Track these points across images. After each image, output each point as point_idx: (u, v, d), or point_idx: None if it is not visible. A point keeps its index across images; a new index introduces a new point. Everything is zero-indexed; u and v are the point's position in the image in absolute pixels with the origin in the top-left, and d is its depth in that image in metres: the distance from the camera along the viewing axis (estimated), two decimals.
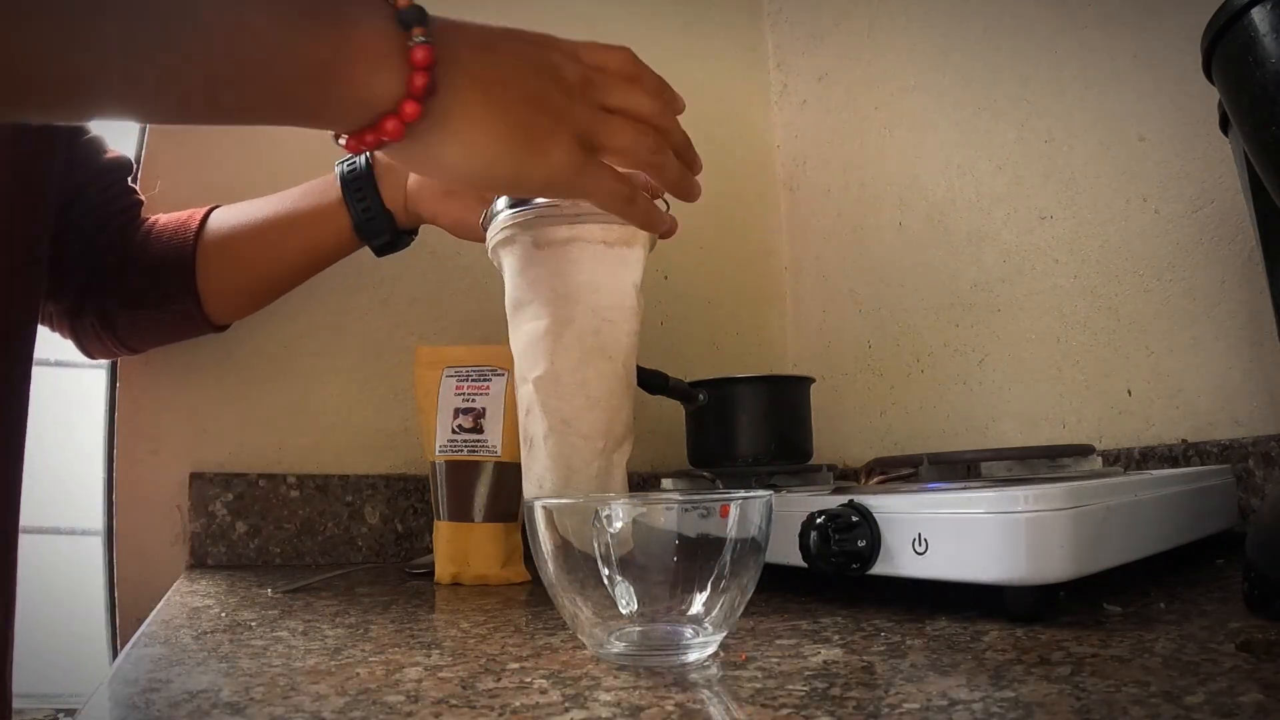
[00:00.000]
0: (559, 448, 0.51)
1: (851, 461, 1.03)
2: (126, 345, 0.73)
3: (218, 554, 0.81)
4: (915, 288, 0.99)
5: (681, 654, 0.36)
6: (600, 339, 0.52)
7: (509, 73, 0.40)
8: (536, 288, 0.52)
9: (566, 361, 0.52)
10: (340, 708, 0.31)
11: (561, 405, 0.52)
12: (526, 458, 0.54)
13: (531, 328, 0.52)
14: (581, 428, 0.51)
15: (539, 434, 0.52)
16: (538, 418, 0.52)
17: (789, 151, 1.20)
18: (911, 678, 0.32)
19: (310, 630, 0.46)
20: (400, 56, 0.37)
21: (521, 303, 0.53)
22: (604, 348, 0.52)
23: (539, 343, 0.52)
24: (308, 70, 0.35)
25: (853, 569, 0.46)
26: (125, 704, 0.34)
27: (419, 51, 0.37)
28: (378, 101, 0.37)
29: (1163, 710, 0.26)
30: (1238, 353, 0.69)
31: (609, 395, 0.52)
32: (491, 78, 0.39)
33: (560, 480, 0.51)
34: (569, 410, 0.52)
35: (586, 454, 0.51)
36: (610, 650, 0.37)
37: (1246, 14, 0.40)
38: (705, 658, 0.37)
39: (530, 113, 0.40)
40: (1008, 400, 0.88)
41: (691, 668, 0.36)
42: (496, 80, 0.40)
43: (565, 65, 0.43)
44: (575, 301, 0.52)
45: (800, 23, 1.19)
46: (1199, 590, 0.47)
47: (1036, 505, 0.40)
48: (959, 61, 0.94)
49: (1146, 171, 0.76)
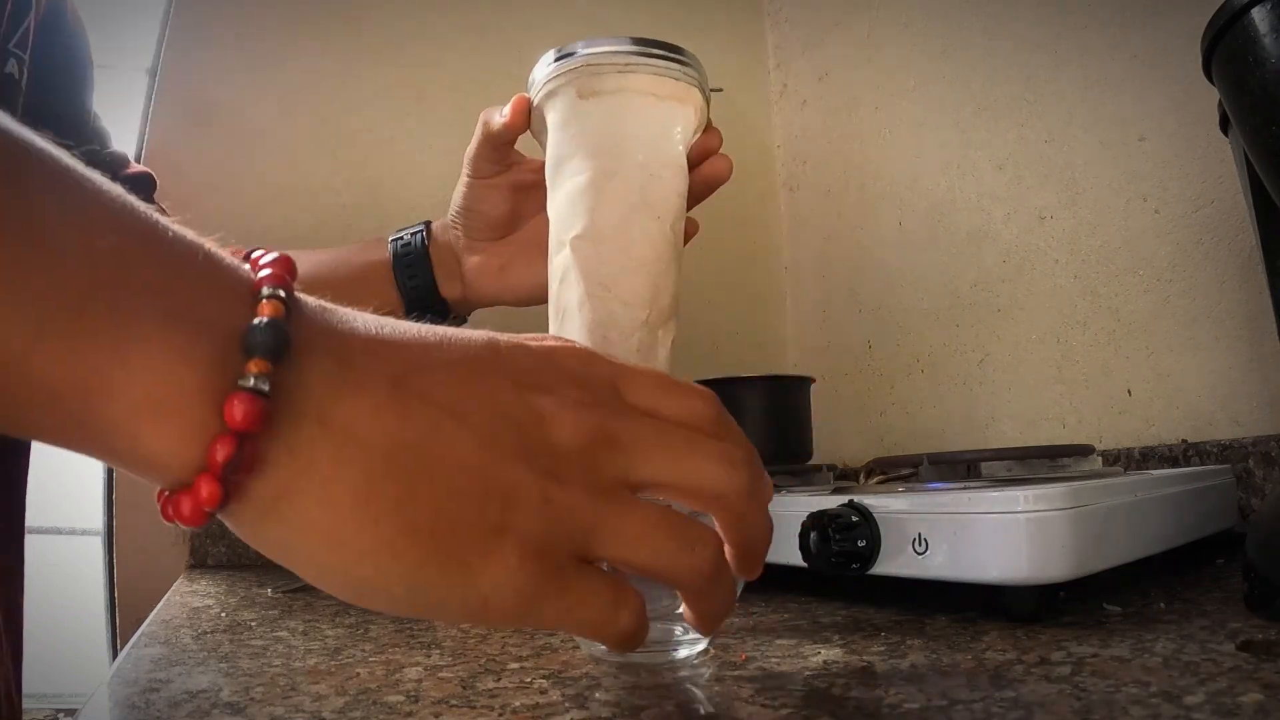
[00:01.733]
0: (596, 315, 0.45)
1: (851, 461, 1.03)
2: None
3: (218, 554, 0.81)
4: (915, 288, 0.99)
5: (673, 650, 0.37)
6: (647, 195, 0.47)
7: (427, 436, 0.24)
8: (579, 140, 0.48)
9: (609, 218, 0.46)
10: (340, 708, 0.31)
11: (601, 267, 0.46)
12: (556, 333, 0.47)
13: (572, 184, 0.47)
14: (623, 293, 0.46)
15: (574, 301, 0.46)
16: (573, 283, 0.46)
17: (789, 151, 1.20)
18: (911, 678, 0.32)
19: (310, 630, 0.46)
20: (201, 403, 0.21)
21: (563, 159, 0.48)
22: (651, 205, 0.47)
23: (579, 199, 0.47)
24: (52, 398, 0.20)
25: (853, 569, 0.46)
26: (125, 704, 0.34)
27: (237, 405, 0.21)
28: (161, 464, 0.22)
29: (1163, 710, 0.26)
30: (1238, 353, 0.69)
31: (655, 259, 0.47)
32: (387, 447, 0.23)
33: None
34: (609, 273, 0.46)
35: (627, 324, 0.46)
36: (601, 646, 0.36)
37: (1246, 14, 0.40)
38: (695, 654, 0.37)
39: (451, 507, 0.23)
40: (1008, 400, 0.88)
41: (683, 665, 0.36)
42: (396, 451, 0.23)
43: (565, 415, 0.26)
44: (621, 154, 0.47)
45: (800, 23, 1.19)
46: (1199, 590, 0.47)
47: (1036, 505, 0.40)
48: (959, 61, 0.94)
49: (1146, 171, 0.76)
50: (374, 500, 0.23)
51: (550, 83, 0.49)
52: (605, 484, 0.26)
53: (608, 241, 0.46)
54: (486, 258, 0.61)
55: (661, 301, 0.47)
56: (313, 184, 0.91)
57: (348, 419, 0.23)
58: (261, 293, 0.22)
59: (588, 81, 0.47)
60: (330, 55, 0.94)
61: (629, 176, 0.47)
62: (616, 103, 0.48)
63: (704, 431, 0.28)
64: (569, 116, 0.48)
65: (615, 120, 0.48)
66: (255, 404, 0.21)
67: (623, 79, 0.47)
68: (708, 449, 0.27)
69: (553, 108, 0.49)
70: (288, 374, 0.22)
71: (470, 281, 0.62)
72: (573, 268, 0.46)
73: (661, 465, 0.27)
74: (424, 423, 0.24)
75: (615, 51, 0.47)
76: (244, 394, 0.21)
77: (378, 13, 0.97)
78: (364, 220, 0.93)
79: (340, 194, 0.92)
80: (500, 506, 0.24)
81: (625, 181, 0.47)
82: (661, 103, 0.48)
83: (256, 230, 0.88)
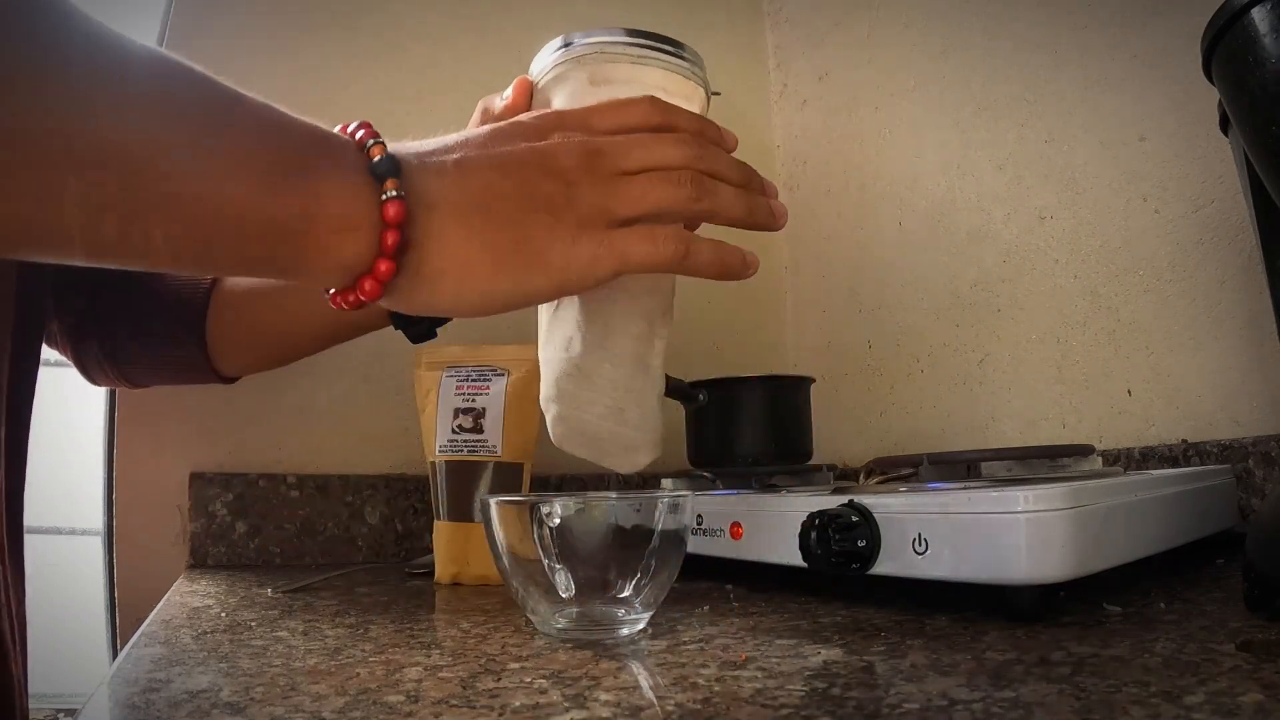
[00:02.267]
0: (596, 301, 0.45)
1: (851, 461, 1.03)
2: (128, 378, 0.71)
3: (218, 554, 0.81)
4: (915, 288, 0.99)
5: (616, 629, 0.43)
6: None
7: (488, 192, 0.37)
8: None
9: None
10: (340, 708, 0.31)
11: None
12: (550, 320, 0.48)
13: None
14: (624, 279, 0.45)
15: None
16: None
17: (789, 151, 1.20)
18: (911, 678, 0.32)
19: (310, 630, 0.46)
20: (372, 214, 0.35)
21: None
22: None
23: None
24: (277, 233, 0.33)
25: (853, 569, 0.46)
26: (125, 704, 0.34)
27: (391, 207, 0.34)
28: (352, 262, 0.35)
29: (1163, 710, 0.26)
30: (1238, 353, 0.69)
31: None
32: (470, 206, 0.37)
33: (595, 339, 0.45)
34: None
35: (628, 311, 0.46)
36: (554, 627, 0.43)
37: (1246, 14, 0.40)
38: (635, 633, 0.43)
39: (517, 227, 0.37)
40: (1008, 400, 0.88)
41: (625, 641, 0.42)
42: (476, 207, 0.37)
43: (562, 149, 0.39)
44: None
45: (800, 23, 1.19)
46: (1199, 590, 0.47)
47: (1036, 505, 0.40)
48: (959, 62, 0.94)
49: (1146, 171, 0.76)
50: (472, 239, 0.36)
51: (560, 66, 0.48)
52: (604, 175, 0.39)
53: None
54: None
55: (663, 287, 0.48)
56: None
57: (443, 197, 0.36)
58: (368, 144, 0.36)
59: (600, 69, 0.47)
60: (330, 55, 0.94)
61: None
62: (628, 92, 0.47)
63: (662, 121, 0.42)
64: (579, 101, 0.48)
65: None
66: (399, 205, 0.35)
67: (635, 70, 0.47)
68: (663, 140, 0.41)
69: (560, 91, 0.49)
70: (404, 182, 0.35)
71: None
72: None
73: (636, 155, 0.40)
74: (483, 182, 0.37)
75: (630, 43, 0.47)
76: (392, 201, 0.35)
77: (377, 13, 0.97)
78: None
79: None
80: (546, 212, 0.37)
81: None
82: (670, 99, 0.48)
83: None
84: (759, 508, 0.56)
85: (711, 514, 0.60)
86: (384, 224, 0.34)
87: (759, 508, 0.56)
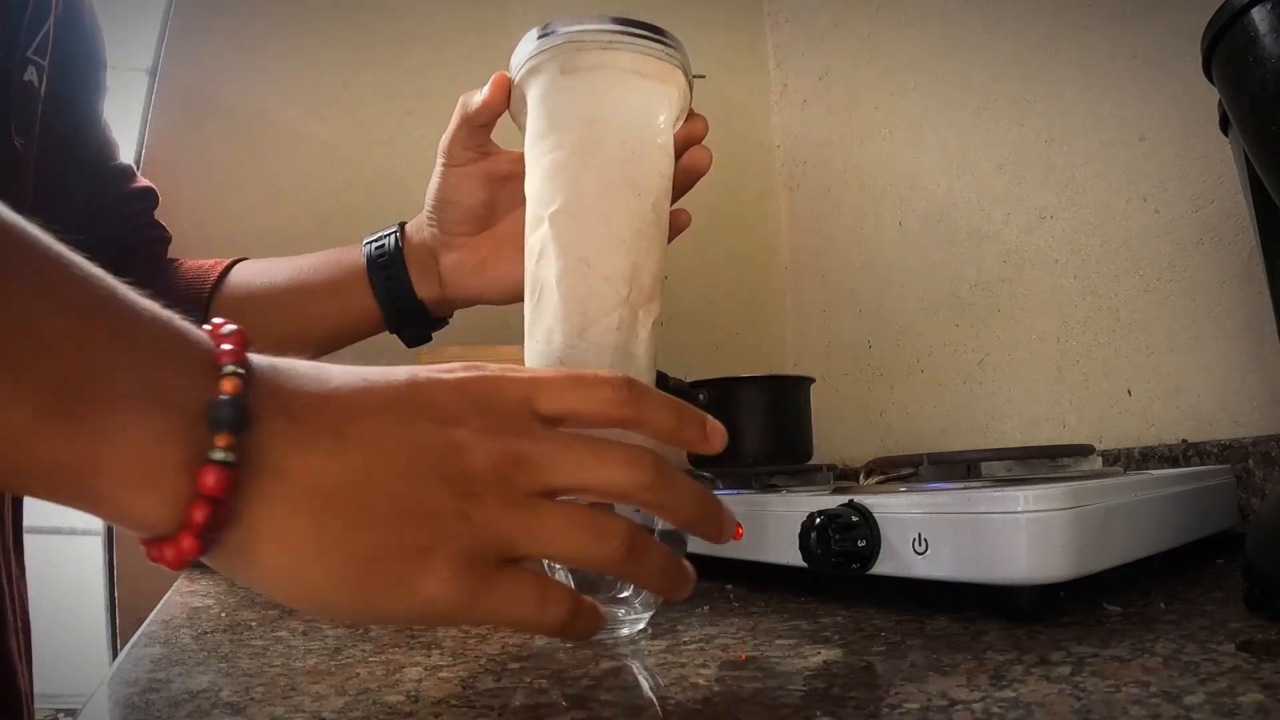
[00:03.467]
0: (575, 289, 0.44)
1: (851, 461, 1.03)
2: None
3: None
4: (915, 288, 0.99)
5: (617, 629, 0.43)
6: (629, 171, 0.46)
7: (361, 481, 0.28)
8: (560, 114, 0.47)
9: (590, 192, 0.45)
10: (340, 708, 0.31)
11: (581, 241, 0.45)
12: (532, 313, 0.47)
13: (551, 159, 0.47)
14: (603, 268, 0.44)
15: (551, 277, 0.45)
16: (551, 259, 0.45)
17: (789, 151, 1.20)
18: (911, 678, 0.32)
19: (310, 630, 0.46)
20: (179, 475, 0.25)
21: (542, 134, 0.47)
22: (633, 181, 0.46)
23: (559, 173, 0.46)
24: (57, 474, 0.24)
25: (853, 569, 0.46)
26: (125, 704, 0.34)
27: (210, 475, 0.25)
28: (152, 523, 0.26)
29: (1163, 710, 0.26)
30: (1238, 353, 0.69)
31: (636, 236, 0.46)
32: (329, 492, 0.27)
33: (574, 330, 0.44)
34: (590, 248, 0.45)
35: (608, 300, 0.44)
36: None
37: (1246, 14, 0.40)
38: (635, 633, 0.43)
39: (382, 535, 0.28)
40: (1008, 400, 0.88)
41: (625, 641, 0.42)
42: (337, 494, 0.27)
43: (477, 447, 0.29)
44: (603, 128, 0.46)
45: (800, 23, 1.19)
46: (1199, 590, 0.47)
47: (1036, 505, 0.40)
48: (959, 61, 0.94)
49: (1146, 171, 0.76)
50: (322, 537, 0.27)
51: (532, 60, 0.48)
52: (518, 496, 0.29)
53: (588, 216, 0.45)
54: (464, 253, 0.59)
55: (642, 279, 0.46)
56: (312, 184, 0.91)
57: (298, 470, 0.27)
58: (223, 369, 0.26)
59: (570, 58, 0.46)
60: (330, 55, 0.94)
61: (610, 152, 0.46)
62: (599, 79, 0.47)
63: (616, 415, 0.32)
64: (549, 91, 0.47)
65: (597, 96, 0.47)
66: (224, 474, 0.25)
67: (605, 55, 0.46)
68: (611, 454, 0.31)
69: (534, 85, 0.48)
70: (248, 438, 0.26)
71: (448, 280, 0.60)
72: (551, 243, 0.45)
73: (570, 473, 0.30)
74: (358, 465, 0.28)
75: (598, 30, 0.46)
76: (214, 466, 0.25)
77: (378, 13, 0.97)
78: (364, 220, 0.92)
79: (340, 194, 0.92)
80: (428, 530, 0.28)
81: (606, 157, 0.46)
82: (645, 81, 0.47)
83: (257, 230, 0.88)
84: (759, 508, 0.56)
85: None
86: (195, 492, 0.25)
87: (759, 508, 0.56)
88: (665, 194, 0.48)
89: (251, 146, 0.88)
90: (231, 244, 0.87)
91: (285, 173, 0.91)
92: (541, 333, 0.45)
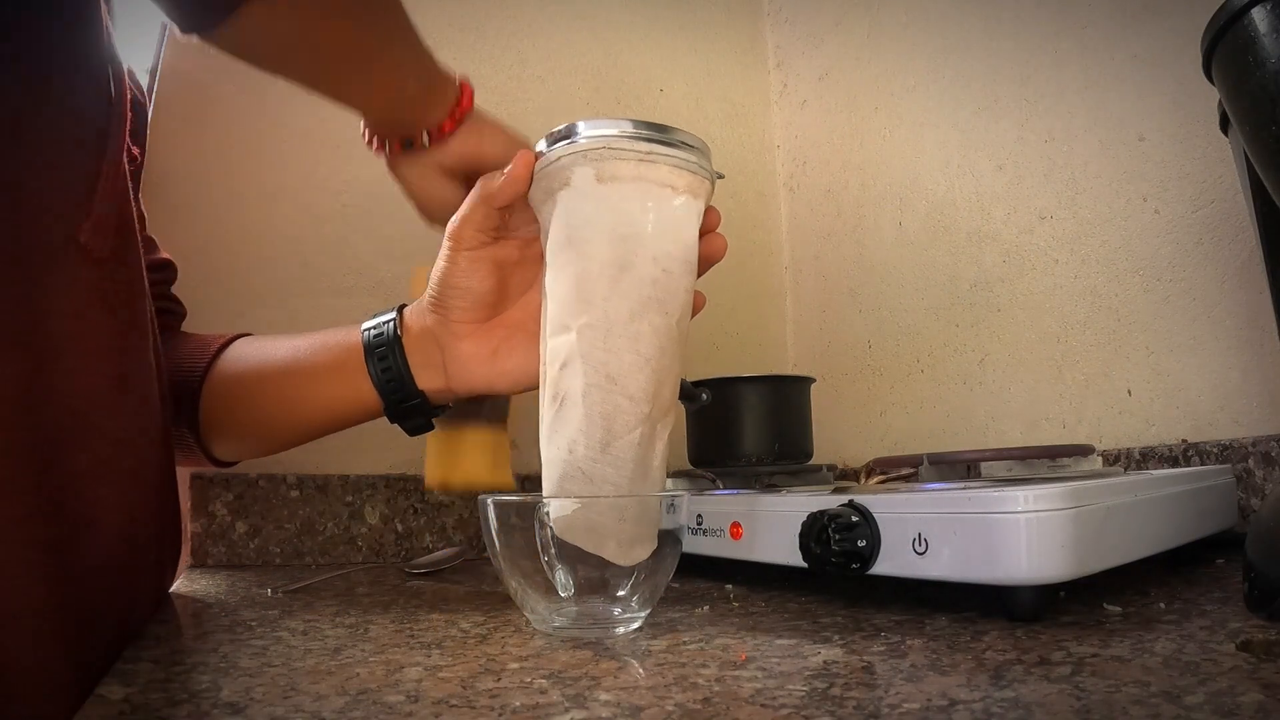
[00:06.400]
0: (601, 407, 0.46)
1: (851, 461, 1.03)
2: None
3: (218, 554, 0.81)
4: (915, 288, 0.99)
5: (614, 627, 0.43)
6: (658, 290, 0.47)
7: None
8: (592, 224, 0.47)
9: (620, 311, 0.46)
10: (340, 708, 0.31)
11: (609, 359, 0.46)
12: (553, 419, 0.48)
13: (582, 269, 0.47)
14: (629, 387, 0.46)
15: (576, 390, 0.46)
16: (577, 371, 0.46)
17: (789, 151, 1.20)
18: (911, 678, 0.32)
19: (310, 630, 0.46)
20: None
21: (572, 240, 0.48)
22: (661, 301, 0.47)
23: (590, 285, 0.47)
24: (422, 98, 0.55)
25: (853, 569, 0.46)
26: (125, 704, 0.34)
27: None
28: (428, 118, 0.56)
29: (1163, 710, 0.26)
30: (1238, 353, 0.69)
31: (660, 355, 0.47)
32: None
33: (597, 445, 0.46)
34: (617, 366, 0.46)
35: (631, 417, 0.46)
36: (552, 625, 0.44)
37: (1246, 14, 0.40)
38: (633, 631, 0.43)
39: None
40: (1008, 400, 0.88)
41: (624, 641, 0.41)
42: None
43: None
44: (637, 245, 0.47)
45: (800, 23, 1.19)
46: (1199, 590, 0.47)
47: (1036, 505, 0.40)
48: (959, 61, 0.94)
49: (1146, 171, 0.76)
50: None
51: (564, 158, 0.48)
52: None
53: (617, 335, 0.46)
54: (474, 343, 0.56)
55: (664, 395, 0.48)
56: (312, 184, 0.91)
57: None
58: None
59: (608, 166, 0.47)
60: None
61: (642, 271, 0.47)
62: (634, 191, 0.47)
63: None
64: (584, 198, 0.48)
65: (632, 210, 0.47)
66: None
67: (642, 168, 0.47)
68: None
69: (565, 183, 0.49)
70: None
71: (455, 371, 0.56)
72: (578, 356, 0.46)
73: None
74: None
75: (636, 136, 0.47)
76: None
77: None
78: (364, 220, 0.93)
79: (340, 194, 0.92)
80: None
81: (638, 277, 0.47)
82: (677, 195, 0.48)
83: (257, 230, 0.88)
84: (759, 508, 0.56)
85: (711, 514, 0.60)
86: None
87: (759, 508, 0.56)
88: (687, 309, 0.50)
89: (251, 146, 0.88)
90: (231, 244, 0.87)
91: (285, 172, 0.91)
92: (564, 442, 0.47)
